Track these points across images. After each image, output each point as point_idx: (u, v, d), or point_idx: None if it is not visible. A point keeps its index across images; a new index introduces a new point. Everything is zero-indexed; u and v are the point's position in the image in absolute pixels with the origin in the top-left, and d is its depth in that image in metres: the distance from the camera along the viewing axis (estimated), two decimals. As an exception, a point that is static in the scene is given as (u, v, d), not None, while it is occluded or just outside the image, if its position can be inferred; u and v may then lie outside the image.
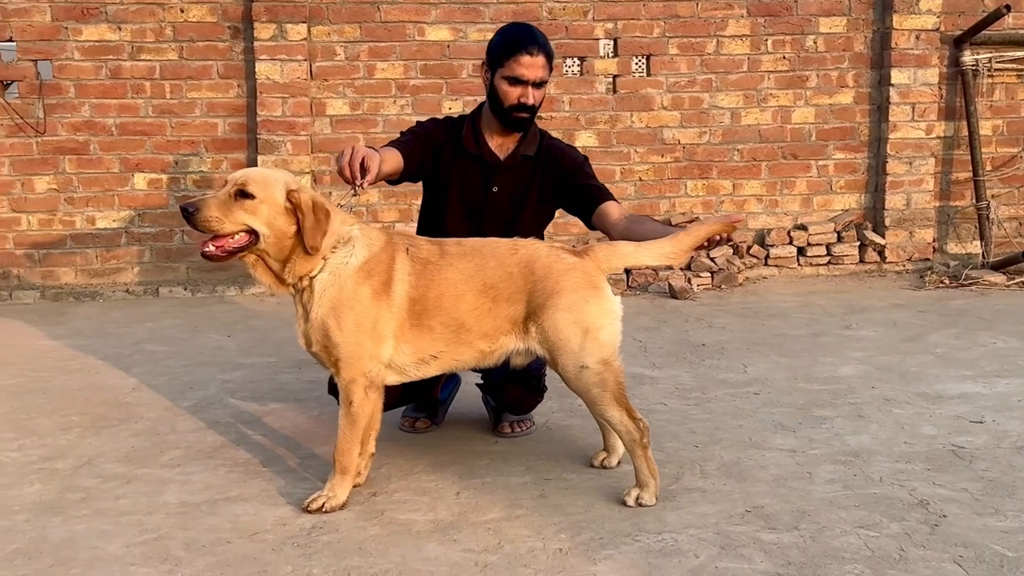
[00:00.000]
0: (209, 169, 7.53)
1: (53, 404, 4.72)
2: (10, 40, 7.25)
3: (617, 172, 7.83)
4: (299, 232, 3.34)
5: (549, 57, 3.98)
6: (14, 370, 5.35)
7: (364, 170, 3.54)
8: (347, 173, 3.54)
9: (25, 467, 3.89)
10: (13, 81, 7.32)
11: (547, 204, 4.17)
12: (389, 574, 2.93)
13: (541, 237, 4.21)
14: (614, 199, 4.06)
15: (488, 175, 4.09)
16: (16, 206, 7.39)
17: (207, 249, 3.36)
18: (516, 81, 3.95)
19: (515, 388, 4.11)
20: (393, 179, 3.95)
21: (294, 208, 3.33)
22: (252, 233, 3.35)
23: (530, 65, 3.92)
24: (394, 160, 3.85)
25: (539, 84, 3.97)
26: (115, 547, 3.14)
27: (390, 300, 3.40)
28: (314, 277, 3.40)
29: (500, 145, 4.11)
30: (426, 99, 7.58)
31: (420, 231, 4.19)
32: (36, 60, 7.30)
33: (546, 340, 3.41)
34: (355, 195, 3.60)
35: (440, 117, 4.28)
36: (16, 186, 7.37)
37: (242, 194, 3.32)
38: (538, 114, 4.13)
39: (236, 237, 3.36)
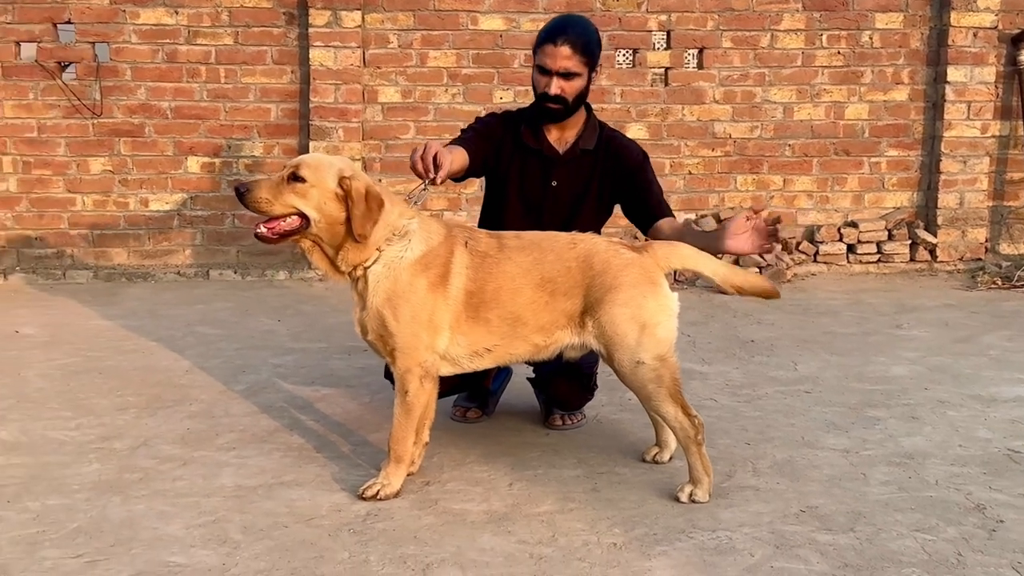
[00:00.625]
0: (261, 154, 7.58)
1: (109, 384, 4.78)
2: (68, 22, 7.34)
3: (667, 165, 7.81)
4: (350, 219, 3.36)
5: (578, 48, 3.91)
6: (70, 349, 5.42)
7: (437, 166, 3.55)
8: (419, 168, 3.55)
9: (83, 446, 3.95)
10: (71, 63, 7.41)
11: (606, 200, 4.17)
12: (445, 563, 2.95)
13: (599, 232, 4.21)
14: (671, 213, 4.07)
15: (547, 169, 4.09)
16: (71, 187, 7.49)
17: (259, 230, 3.40)
18: (542, 70, 3.96)
19: (565, 385, 4.11)
20: (458, 177, 3.97)
21: (345, 195, 3.35)
22: (304, 217, 3.37)
23: (552, 55, 3.91)
24: (460, 158, 3.85)
25: (566, 75, 3.93)
26: (174, 528, 3.19)
27: (447, 292, 3.41)
28: (368, 268, 3.42)
29: (559, 139, 4.11)
30: (478, 88, 7.59)
31: (481, 226, 4.20)
32: (94, 42, 7.38)
33: (603, 335, 3.41)
34: (425, 189, 3.61)
35: (498, 111, 4.28)
36: (72, 167, 7.47)
37: (294, 177, 3.35)
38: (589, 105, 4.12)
39: (288, 220, 3.38)
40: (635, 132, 7.70)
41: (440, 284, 3.40)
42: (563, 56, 3.90)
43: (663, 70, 7.77)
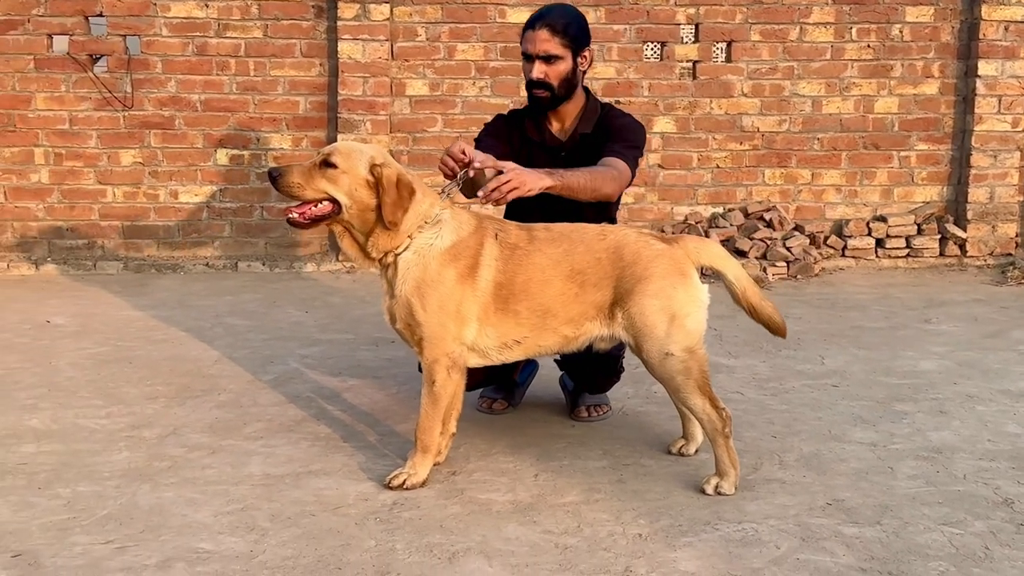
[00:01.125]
0: (290, 147, 7.62)
1: (139, 373, 4.83)
2: (100, 15, 7.39)
3: (694, 159, 7.78)
4: (380, 206, 3.38)
5: (557, 30, 3.91)
6: (100, 338, 5.47)
7: (469, 159, 3.52)
8: (448, 165, 3.55)
9: (113, 434, 3.99)
10: (103, 55, 7.46)
11: None
12: (471, 552, 2.96)
13: (615, 213, 4.21)
14: (617, 156, 3.93)
15: (553, 160, 4.08)
16: (102, 178, 7.55)
17: (291, 215, 3.46)
18: (526, 57, 3.98)
19: (593, 368, 4.11)
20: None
21: (376, 182, 3.37)
22: (335, 203, 3.42)
23: (531, 39, 3.93)
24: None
25: (547, 58, 3.92)
26: (203, 515, 3.22)
27: (475, 284, 3.42)
28: (399, 255, 3.44)
29: (560, 129, 4.12)
30: (505, 81, 7.59)
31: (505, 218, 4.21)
32: (125, 35, 7.43)
33: (632, 326, 3.42)
34: (456, 185, 3.57)
35: (503, 113, 4.30)
36: (103, 159, 7.53)
37: (326, 164, 3.41)
38: (617, 99, 4.11)
39: (320, 205, 3.44)
40: (663, 125, 7.69)
41: (469, 275, 3.42)
42: (542, 39, 3.91)
43: (691, 63, 7.75)
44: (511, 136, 4.12)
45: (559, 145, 4.11)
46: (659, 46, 7.75)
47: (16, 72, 7.38)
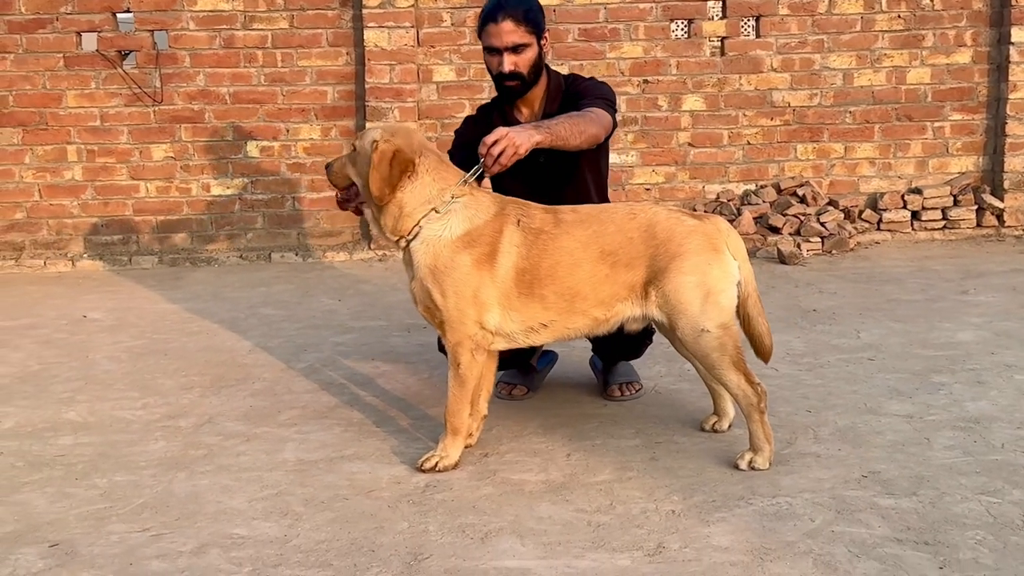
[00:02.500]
0: (319, 137, 7.64)
1: (174, 365, 4.86)
2: (127, 11, 7.44)
3: (725, 136, 7.73)
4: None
5: (519, 19, 3.84)
6: (136, 332, 5.52)
7: (502, 155, 3.45)
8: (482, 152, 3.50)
9: (149, 424, 4.02)
10: (131, 51, 7.52)
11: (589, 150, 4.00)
12: (504, 532, 2.96)
13: (605, 180, 4.19)
14: (596, 106, 3.87)
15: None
16: (135, 174, 7.61)
17: (338, 196, 3.68)
18: (491, 51, 3.92)
19: (622, 337, 4.05)
20: None
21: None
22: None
23: (496, 33, 3.86)
24: None
25: (515, 48, 3.87)
26: (238, 502, 3.24)
27: (494, 271, 3.40)
28: (410, 242, 3.45)
29: (530, 114, 4.07)
30: (532, 64, 7.55)
31: None
32: (152, 30, 7.48)
33: (667, 304, 3.38)
34: (477, 170, 3.52)
35: (473, 113, 4.27)
36: (135, 154, 7.59)
37: (352, 148, 3.54)
38: (645, 79, 4.07)
39: (352, 188, 3.60)
40: (692, 103, 7.64)
41: (486, 262, 3.39)
42: (507, 31, 3.85)
43: (719, 40, 7.69)
44: (482, 131, 4.05)
45: None
46: (686, 23, 7.69)
47: (46, 70, 7.45)
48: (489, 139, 3.47)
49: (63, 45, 7.44)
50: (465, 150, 3.92)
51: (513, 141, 3.45)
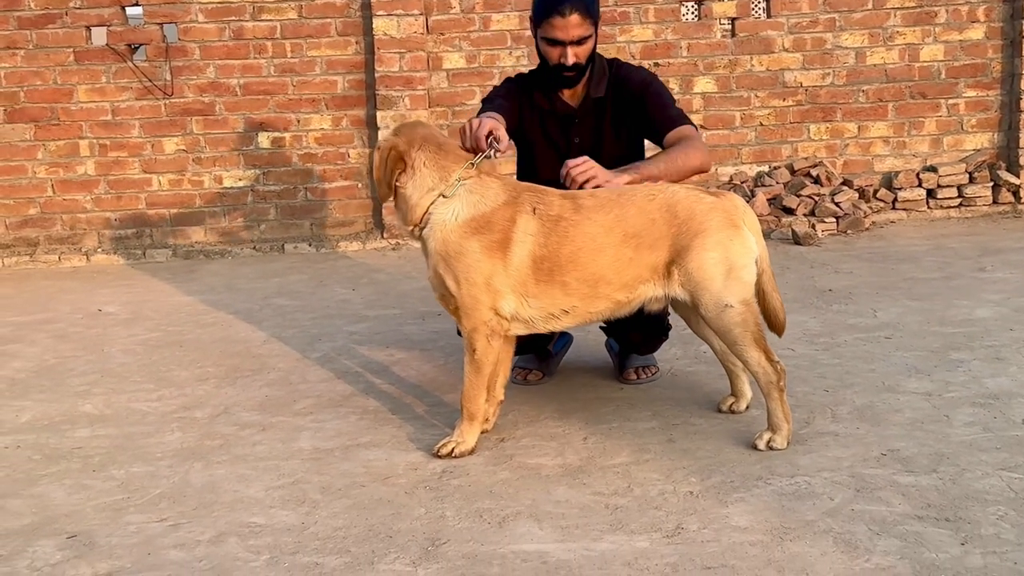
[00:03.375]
0: (330, 127, 7.62)
1: (190, 356, 4.87)
2: (136, 4, 7.44)
3: (737, 118, 7.69)
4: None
5: (585, 11, 3.82)
6: (151, 324, 5.53)
7: (497, 139, 3.50)
8: (472, 146, 3.53)
9: (165, 416, 4.03)
10: (141, 44, 7.51)
11: (626, 138, 4.08)
12: (521, 516, 2.95)
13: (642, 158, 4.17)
14: (681, 124, 3.94)
15: (566, 127, 4.04)
16: (147, 167, 7.61)
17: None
18: (552, 42, 3.88)
19: (640, 329, 4.07)
20: None
21: None
22: None
23: (563, 26, 3.82)
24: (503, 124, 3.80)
25: (579, 42, 3.85)
26: (254, 491, 3.24)
27: (507, 259, 3.38)
28: (423, 230, 3.45)
29: (572, 95, 4.05)
30: (542, 49, 7.52)
31: None
32: (162, 23, 7.47)
33: (690, 281, 3.36)
34: (488, 154, 3.52)
35: (511, 76, 4.24)
36: (147, 148, 7.59)
37: None
38: (656, 61, 4.05)
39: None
40: (703, 85, 7.60)
41: (498, 249, 3.37)
42: (574, 24, 3.81)
43: (730, 20, 7.64)
44: (521, 102, 4.06)
45: (571, 112, 4.05)
46: (696, 5, 7.65)
47: (57, 66, 7.46)
48: (574, 164, 3.58)
49: (73, 40, 7.44)
50: (506, 99, 4.00)
51: (598, 176, 3.60)
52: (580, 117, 4.05)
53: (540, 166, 4.08)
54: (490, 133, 3.53)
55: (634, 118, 4.04)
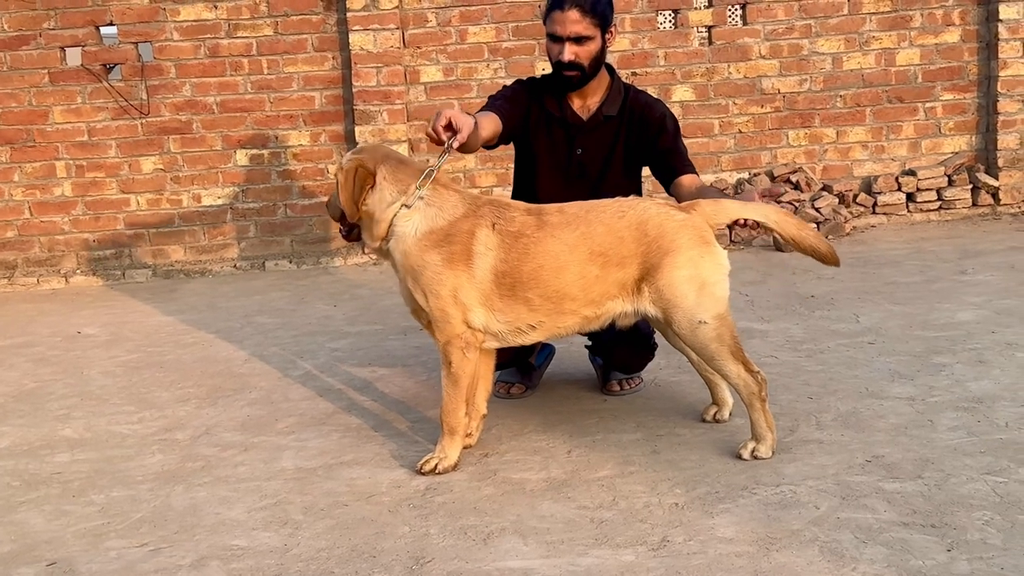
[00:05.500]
0: (308, 143, 7.59)
1: (170, 377, 4.83)
2: (110, 24, 7.39)
3: (716, 125, 7.69)
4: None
5: (586, 9, 3.82)
6: (131, 346, 5.49)
7: (455, 130, 3.41)
8: (433, 137, 3.45)
9: (146, 439, 3.99)
10: (116, 64, 7.47)
11: (633, 164, 4.10)
12: (506, 532, 2.93)
13: (639, 179, 4.18)
14: (692, 170, 3.99)
15: (572, 138, 4.04)
16: (125, 187, 7.56)
17: (341, 232, 3.70)
18: (554, 38, 3.89)
19: (625, 349, 4.07)
20: (491, 144, 3.90)
21: None
22: None
23: (561, 21, 3.83)
24: (492, 124, 3.77)
25: (577, 39, 3.84)
26: (236, 513, 3.21)
27: (470, 272, 3.36)
28: (388, 244, 3.44)
29: (582, 106, 4.05)
30: (520, 61, 7.53)
31: (514, 195, 4.16)
32: (137, 42, 7.44)
33: (661, 299, 3.35)
34: (445, 156, 3.47)
35: (523, 79, 4.22)
36: (124, 167, 7.54)
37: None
38: (634, 71, 4.05)
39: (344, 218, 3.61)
40: (681, 94, 7.60)
41: (460, 262, 3.36)
42: (572, 20, 3.82)
43: (706, 29, 7.65)
44: (530, 105, 4.04)
45: (580, 123, 4.04)
46: (672, 14, 7.65)
47: (32, 87, 7.40)
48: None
49: (47, 61, 7.40)
50: (508, 102, 3.99)
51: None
52: (587, 129, 4.04)
53: (539, 172, 4.08)
54: (449, 124, 3.40)
55: (646, 147, 4.04)
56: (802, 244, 3.47)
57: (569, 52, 3.85)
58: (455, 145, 3.43)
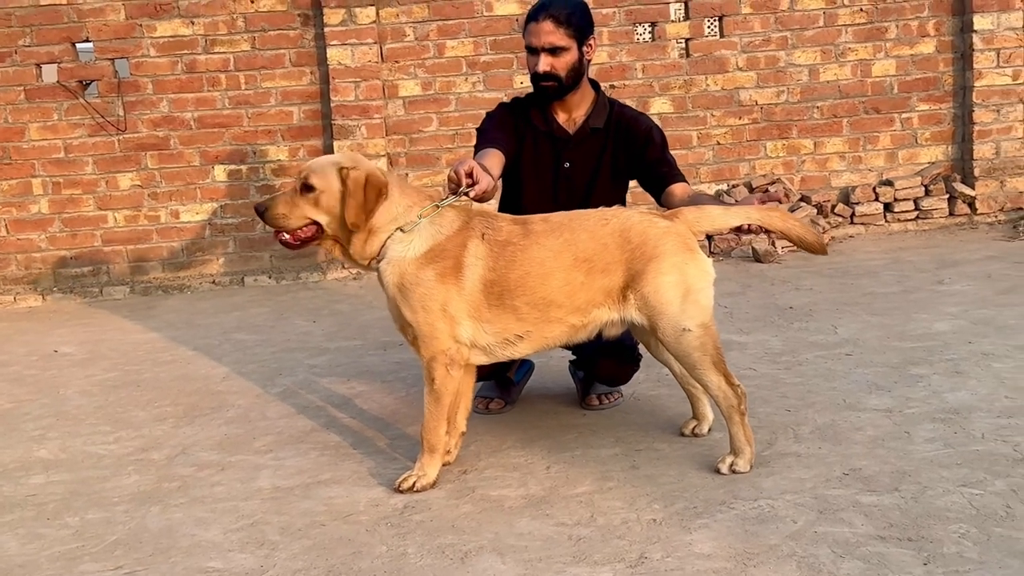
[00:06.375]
0: (287, 157, 7.58)
1: (147, 396, 4.80)
2: (86, 40, 7.37)
3: (694, 137, 7.71)
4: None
5: (561, 21, 3.85)
6: (108, 364, 5.45)
7: (475, 181, 3.42)
8: (454, 179, 3.43)
9: (122, 459, 3.96)
10: (92, 81, 7.44)
11: (620, 177, 4.11)
12: (483, 550, 2.92)
13: (625, 190, 4.19)
14: (683, 179, 4.00)
15: (559, 151, 4.05)
16: (102, 204, 7.53)
17: (282, 237, 3.49)
18: (530, 50, 3.91)
19: (610, 362, 4.06)
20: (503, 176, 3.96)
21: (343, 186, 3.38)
22: (318, 224, 3.44)
23: (535, 32, 3.86)
24: (499, 162, 3.80)
25: (552, 50, 3.86)
26: (212, 534, 3.18)
27: (460, 284, 3.36)
28: (379, 263, 3.41)
29: (568, 120, 4.06)
30: (497, 75, 7.54)
31: (501, 209, 4.16)
32: (113, 59, 7.41)
33: (646, 305, 3.35)
34: (455, 198, 3.45)
35: (506, 100, 4.23)
36: (101, 184, 7.51)
37: (306, 187, 3.40)
38: (612, 83, 4.07)
39: (305, 228, 3.45)
40: (659, 106, 7.62)
41: (451, 275, 3.36)
42: (546, 31, 3.84)
43: (684, 41, 7.67)
44: (517, 126, 4.06)
45: (567, 137, 4.05)
46: (650, 26, 7.67)
47: (7, 104, 7.37)
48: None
49: (23, 78, 7.36)
50: (500, 130, 3.99)
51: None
52: (574, 143, 4.05)
53: (525, 187, 4.09)
54: (471, 174, 3.43)
55: (634, 159, 4.05)
56: (790, 235, 3.49)
57: (544, 63, 3.87)
58: (471, 195, 3.43)
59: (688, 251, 3.38)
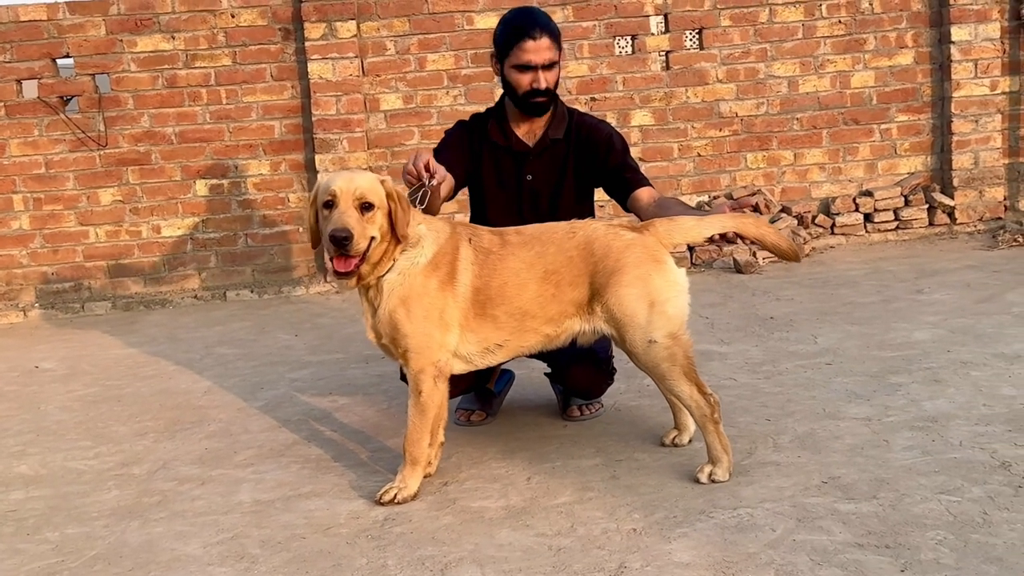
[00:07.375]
0: (268, 172, 7.58)
1: (128, 411, 4.79)
2: (67, 56, 7.36)
3: (675, 149, 7.75)
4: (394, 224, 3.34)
5: (554, 36, 3.90)
6: (89, 380, 5.44)
7: (431, 171, 3.46)
8: (413, 175, 3.48)
9: (102, 474, 3.95)
10: (73, 96, 7.44)
11: (584, 186, 4.13)
12: (463, 562, 2.92)
13: (592, 203, 4.20)
14: (647, 183, 4.01)
15: (520, 164, 4.07)
16: (83, 219, 7.51)
17: (355, 264, 3.28)
18: (525, 68, 3.91)
19: (583, 374, 4.07)
20: (449, 198, 3.96)
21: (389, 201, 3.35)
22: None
23: (535, 49, 3.87)
24: (446, 184, 3.76)
25: (549, 66, 3.90)
26: (193, 548, 3.17)
27: (455, 289, 3.40)
28: (382, 277, 3.39)
29: (528, 132, 4.08)
30: (479, 88, 7.56)
31: None
32: (94, 74, 7.41)
33: (612, 318, 3.37)
34: (422, 190, 3.48)
35: (464, 119, 4.23)
36: (82, 200, 7.50)
37: (365, 206, 3.29)
38: (593, 96, 4.09)
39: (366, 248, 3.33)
40: (640, 118, 7.65)
41: (449, 281, 3.39)
42: (545, 48, 3.87)
43: (664, 54, 7.71)
44: (472, 143, 4.08)
45: (526, 150, 4.07)
46: (630, 39, 7.71)
47: (-12, 120, 7.36)
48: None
49: (3, 94, 7.35)
50: (452, 151, 4.00)
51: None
52: (535, 155, 4.06)
53: (489, 203, 4.11)
54: (427, 166, 3.47)
55: (596, 167, 4.06)
56: (764, 242, 3.51)
57: (545, 80, 3.91)
58: (434, 183, 3.44)
59: (654, 262, 3.39)
